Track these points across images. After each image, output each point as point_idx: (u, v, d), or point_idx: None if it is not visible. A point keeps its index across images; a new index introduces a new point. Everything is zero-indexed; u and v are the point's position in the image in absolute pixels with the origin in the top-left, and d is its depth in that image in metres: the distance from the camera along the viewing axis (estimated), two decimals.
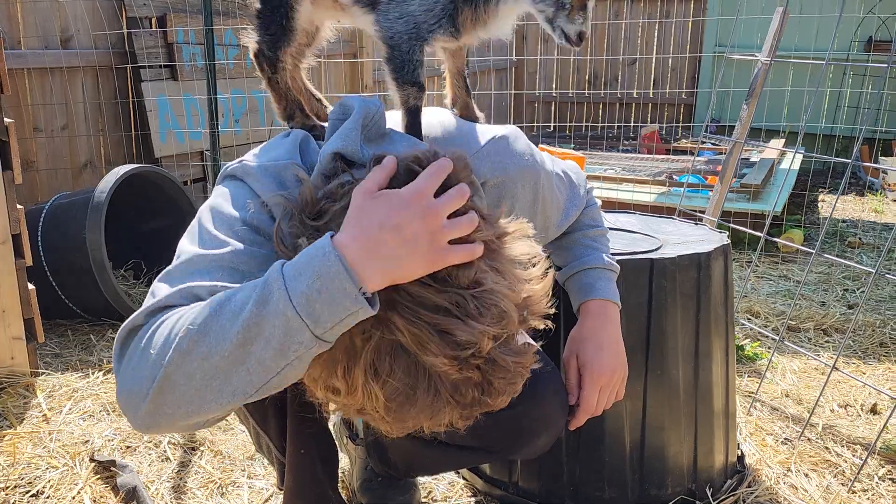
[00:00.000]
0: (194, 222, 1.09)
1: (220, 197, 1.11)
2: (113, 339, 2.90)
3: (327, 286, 0.84)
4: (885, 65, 2.07)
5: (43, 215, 3.01)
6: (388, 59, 1.25)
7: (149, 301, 0.96)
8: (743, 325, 2.94)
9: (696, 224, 2.11)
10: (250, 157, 1.16)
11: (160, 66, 4.02)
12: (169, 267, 1.02)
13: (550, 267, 1.00)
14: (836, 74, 7.01)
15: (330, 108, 1.36)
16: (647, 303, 1.70)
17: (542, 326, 0.98)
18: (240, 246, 1.02)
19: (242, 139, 4.43)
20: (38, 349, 2.71)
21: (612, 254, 1.56)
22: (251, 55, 1.30)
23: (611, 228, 1.95)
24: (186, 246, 1.05)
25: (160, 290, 0.97)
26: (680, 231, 2.02)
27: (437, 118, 1.33)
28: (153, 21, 4.02)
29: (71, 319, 3.12)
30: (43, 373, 2.57)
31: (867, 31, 7.00)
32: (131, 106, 3.97)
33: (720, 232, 1.97)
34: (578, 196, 1.49)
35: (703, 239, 1.91)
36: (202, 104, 4.01)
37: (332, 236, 0.88)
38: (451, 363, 0.88)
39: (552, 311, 0.99)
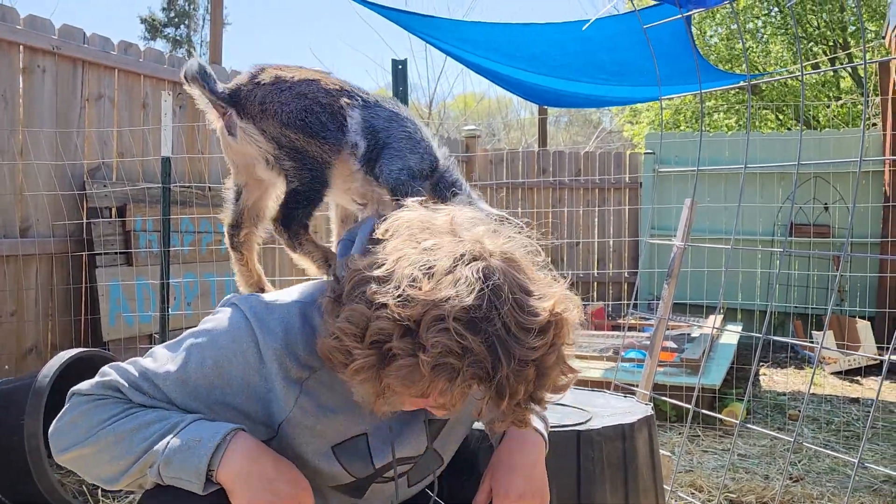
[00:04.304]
0: (184, 346, 1.21)
1: (215, 333, 1.21)
2: None
3: (189, 459, 1.10)
4: (781, 250, 2.29)
5: None
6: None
7: (105, 376, 1.19)
8: (687, 500, 2.95)
9: (625, 397, 2.21)
10: (264, 296, 1.27)
11: (116, 253, 4.15)
12: (139, 359, 1.22)
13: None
14: (764, 255, 7.49)
15: (269, 287, 1.49)
16: (576, 474, 1.75)
17: None
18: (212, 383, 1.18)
19: (193, 321, 4.49)
20: None
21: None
22: (277, 227, 1.38)
23: None
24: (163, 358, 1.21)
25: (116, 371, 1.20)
26: (609, 404, 2.11)
27: None
28: (113, 210, 4.21)
29: None
30: None
31: (790, 215, 7.58)
32: (84, 291, 4.05)
33: (646, 404, 2.07)
34: None
35: (629, 411, 1.99)
36: (154, 288, 4.11)
37: (231, 437, 1.12)
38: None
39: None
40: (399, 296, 1.03)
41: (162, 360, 1.20)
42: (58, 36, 4.03)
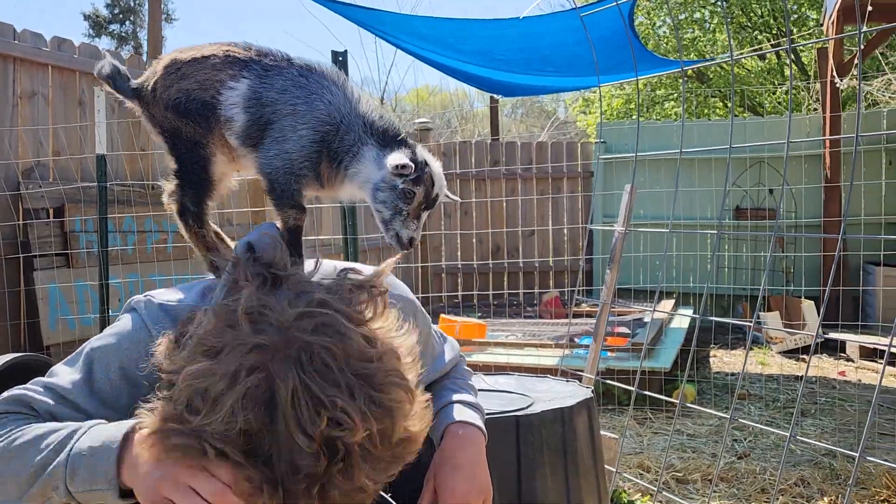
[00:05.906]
0: (85, 353, 1.19)
1: (115, 337, 1.19)
2: None
3: (96, 466, 1.02)
4: (716, 232, 2.33)
5: None
6: (269, 191, 1.32)
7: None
8: (633, 481, 3.00)
9: (567, 381, 2.23)
10: (158, 296, 1.24)
11: (54, 255, 4.04)
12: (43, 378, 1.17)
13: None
14: (713, 240, 7.64)
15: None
16: (516, 459, 1.75)
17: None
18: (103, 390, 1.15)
19: None
20: None
21: (486, 414, 1.62)
22: (175, 216, 1.34)
23: (486, 390, 2.04)
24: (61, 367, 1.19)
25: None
26: (552, 389, 2.12)
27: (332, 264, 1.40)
28: (50, 212, 4.09)
29: None
30: None
31: (736, 200, 7.74)
32: (21, 295, 3.93)
33: (587, 387, 2.09)
34: (454, 349, 1.59)
35: (571, 394, 2.01)
36: (96, 290, 4.01)
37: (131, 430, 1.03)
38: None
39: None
40: (180, 418, 0.95)
41: (64, 374, 1.17)
42: None
